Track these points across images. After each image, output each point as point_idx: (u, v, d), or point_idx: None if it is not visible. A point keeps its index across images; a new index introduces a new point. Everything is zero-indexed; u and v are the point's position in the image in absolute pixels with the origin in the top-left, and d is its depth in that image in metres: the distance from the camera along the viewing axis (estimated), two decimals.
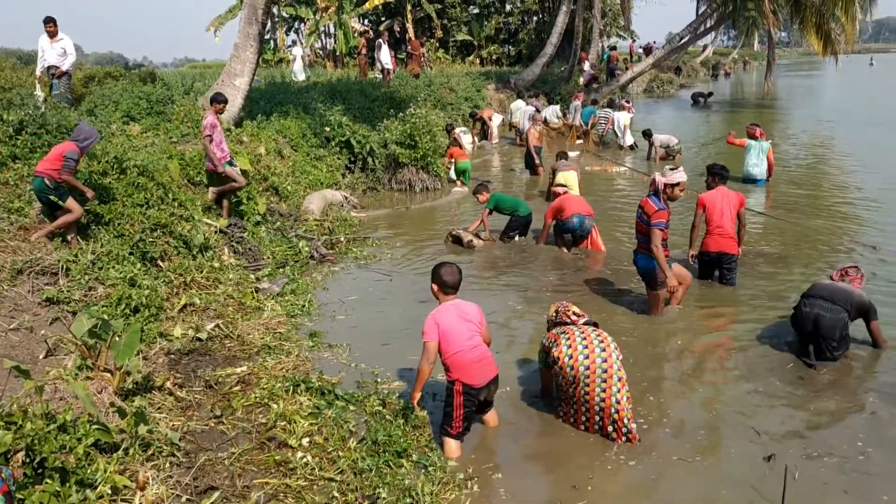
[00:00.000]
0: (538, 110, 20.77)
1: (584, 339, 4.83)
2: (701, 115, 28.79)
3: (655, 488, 4.26)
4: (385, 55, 22.11)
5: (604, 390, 4.68)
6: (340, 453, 4.41)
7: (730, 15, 28.37)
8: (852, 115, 26.09)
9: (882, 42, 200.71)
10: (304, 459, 4.32)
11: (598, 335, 4.89)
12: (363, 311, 7.41)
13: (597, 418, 4.74)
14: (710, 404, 5.28)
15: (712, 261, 7.91)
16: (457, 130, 16.63)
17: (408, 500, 3.96)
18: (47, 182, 6.68)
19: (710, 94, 32.62)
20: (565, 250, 9.49)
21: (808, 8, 24.84)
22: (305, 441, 4.52)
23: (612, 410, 4.67)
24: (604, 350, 4.76)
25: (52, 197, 6.72)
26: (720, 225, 7.80)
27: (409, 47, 24.05)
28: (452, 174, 14.51)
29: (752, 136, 13.52)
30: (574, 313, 5.16)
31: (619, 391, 4.69)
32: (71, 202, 6.83)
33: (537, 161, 15.22)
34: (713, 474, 4.39)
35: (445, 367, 4.64)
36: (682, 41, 29.11)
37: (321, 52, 36.30)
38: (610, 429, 4.71)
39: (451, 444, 4.60)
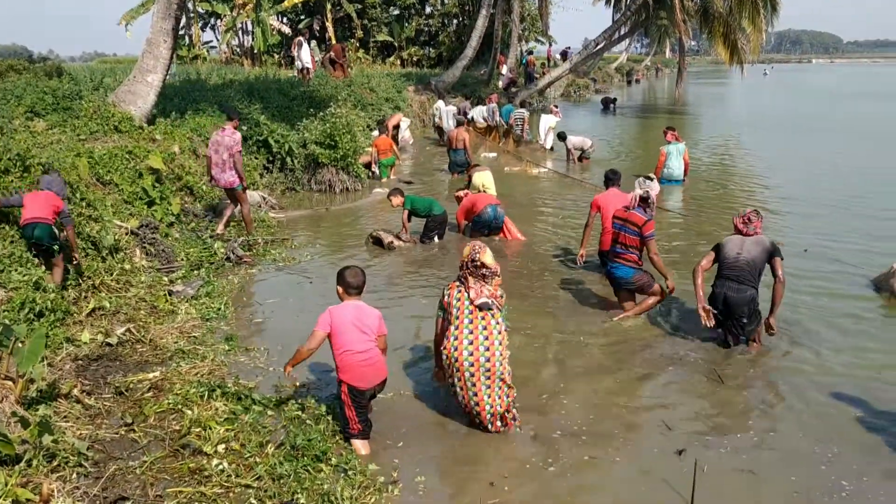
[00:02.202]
0: (465, 112, 21.01)
1: (472, 331, 4.75)
2: (615, 119, 29.60)
3: (571, 486, 4.33)
4: (305, 54, 21.81)
5: (482, 390, 4.73)
6: (258, 459, 4.33)
7: (643, 23, 29.32)
8: (758, 120, 27.37)
9: (783, 53, 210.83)
10: (220, 466, 4.22)
11: (486, 328, 4.75)
12: (282, 313, 7.30)
13: (474, 410, 4.80)
14: (622, 401, 5.42)
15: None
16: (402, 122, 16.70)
17: None
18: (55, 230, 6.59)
19: (615, 99, 33.42)
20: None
21: (717, 18, 25.94)
22: (221, 447, 4.42)
23: (487, 408, 4.75)
24: (487, 350, 4.70)
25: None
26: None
27: (332, 53, 23.67)
28: (375, 169, 14.65)
29: (670, 140, 14.08)
30: (482, 264, 4.85)
31: (500, 389, 4.74)
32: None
33: (472, 160, 15.25)
34: (626, 471, 4.51)
35: (336, 365, 4.75)
36: (598, 47, 29.84)
37: (238, 50, 35.53)
38: (477, 420, 4.85)
39: (357, 444, 4.70)
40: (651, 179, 7.42)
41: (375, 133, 16.24)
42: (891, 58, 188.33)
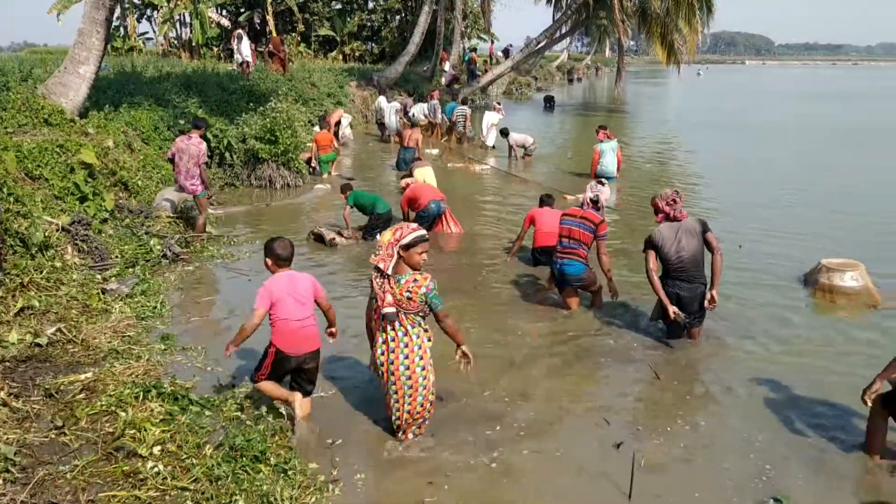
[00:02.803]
0: (406, 109, 20.98)
1: (384, 341, 4.55)
2: (556, 117, 29.96)
3: (511, 482, 4.36)
4: (245, 47, 21.42)
5: (390, 395, 4.62)
6: (195, 461, 4.23)
7: (583, 22, 29.73)
8: (694, 120, 28.08)
9: (718, 54, 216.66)
10: (156, 469, 4.11)
11: (393, 339, 4.52)
12: (220, 311, 7.17)
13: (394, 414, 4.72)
14: (564, 396, 5.50)
15: (545, 252, 8.39)
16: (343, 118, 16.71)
17: None
18: None
19: (552, 97, 33.88)
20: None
21: (655, 19, 26.49)
22: (157, 450, 4.30)
23: (394, 415, 4.67)
24: (407, 357, 4.51)
25: None
26: (549, 229, 8.35)
27: (270, 45, 23.28)
28: (316, 165, 14.65)
29: (602, 139, 14.42)
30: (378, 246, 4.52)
31: (423, 398, 4.60)
32: None
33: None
34: (567, 465, 4.56)
35: (271, 328, 4.89)
36: (539, 45, 30.14)
37: (176, 42, 34.67)
38: (396, 424, 4.73)
39: (262, 385, 5.01)
40: (602, 184, 7.54)
41: (317, 129, 16.07)
42: (819, 60, 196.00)
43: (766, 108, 34.98)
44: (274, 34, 29.95)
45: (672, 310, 6.18)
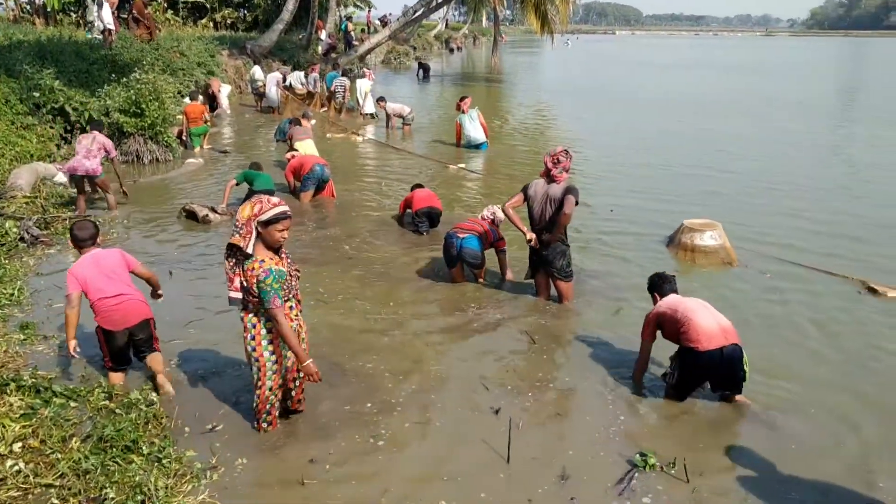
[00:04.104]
0: (284, 77, 20.54)
1: (270, 332, 4.30)
2: (436, 87, 30.00)
3: (393, 456, 4.36)
4: (106, 14, 20.08)
5: (255, 382, 4.40)
6: (60, 455, 4.01)
7: None
8: (568, 88, 28.83)
9: (590, 24, 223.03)
10: (16, 467, 3.87)
11: (242, 321, 4.30)
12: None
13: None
14: (442, 366, 5.56)
15: (425, 214, 8.94)
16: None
17: (139, 498, 3.70)
18: None
19: (428, 66, 33.99)
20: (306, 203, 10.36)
21: None
22: (17, 447, 4.05)
23: (256, 402, 4.46)
24: (253, 338, 4.28)
25: None
26: (424, 196, 9.06)
27: (133, 10, 21.91)
28: (186, 138, 14.13)
29: (461, 110, 14.75)
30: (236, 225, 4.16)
31: (273, 383, 4.37)
32: None
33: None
34: (448, 434, 4.63)
35: (92, 310, 4.95)
36: (416, 14, 29.95)
37: (28, 8, 32.09)
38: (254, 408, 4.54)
39: (111, 375, 5.09)
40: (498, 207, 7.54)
41: (187, 100, 15.37)
42: (683, 31, 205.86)
43: (636, 77, 36.34)
44: (136, 1, 28.26)
45: (529, 235, 6.45)
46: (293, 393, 4.61)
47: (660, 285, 5.31)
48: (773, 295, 7.11)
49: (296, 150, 11.35)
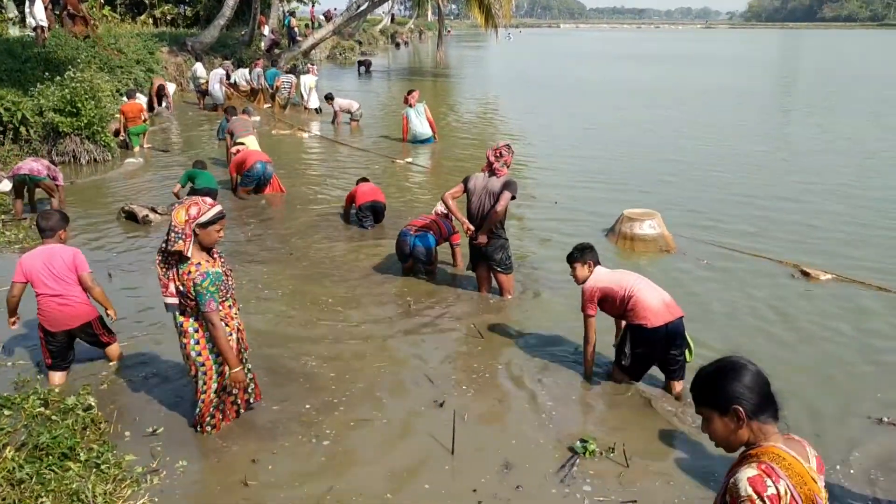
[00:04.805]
0: (228, 74, 20.26)
1: (175, 328, 4.31)
2: (383, 83, 29.89)
3: (336, 453, 4.35)
4: (39, 10, 19.46)
5: (200, 386, 4.35)
6: None
7: None
8: (513, 81, 29.00)
9: (535, 17, 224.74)
10: None
11: (183, 325, 4.22)
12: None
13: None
14: (386, 361, 5.56)
15: (369, 208, 8.97)
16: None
17: None
18: None
19: (369, 62, 33.89)
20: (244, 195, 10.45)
21: None
22: None
23: (201, 406, 4.39)
24: (198, 343, 4.23)
25: None
26: (368, 190, 9.06)
27: (68, 5, 21.25)
28: (125, 138, 13.81)
29: (408, 104, 14.74)
30: (170, 227, 4.04)
31: (218, 385, 4.35)
32: None
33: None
34: (392, 429, 4.64)
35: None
36: (361, 9, 29.74)
37: None
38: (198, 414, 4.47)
39: (50, 375, 5.10)
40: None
41: (125, 98, 15.01)
42: (626, 24, 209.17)
43: (581, 70, 36.72)
44: None
45: (466, 225, 6.50)
46: (251, 389, 4.62)
47: (581, 256, 5.21)
48: (708, 280, 7.32)
49: (242, 143, 11.18)
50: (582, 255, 5.20)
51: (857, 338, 6.06)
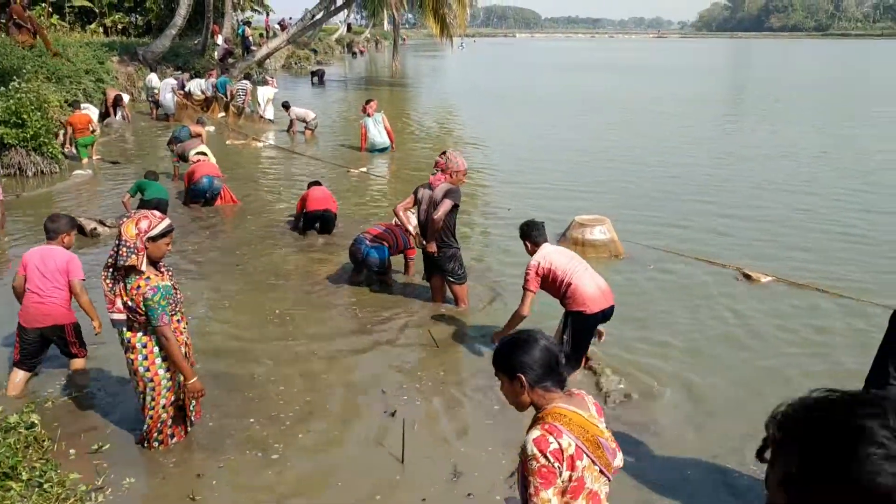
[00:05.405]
0: (183, 85, 20.01)
1: (121, 343, 4.26)
2: (338, 92, 29.83)
3: (287, 468, 4.31)
4: None
5: (148, 402, 4.29)
6: None
7: None
8: (469, 91, 29.22)
9: (491, 27, 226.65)
10: None
11: (131, 340, 4.17)
12: None
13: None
14: (339, 374, 5.56)
15: (315, 217, 9.06)
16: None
17: None
18: None
19: (322, 72, 33.81)
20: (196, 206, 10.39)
21: None
22: None
23: (149, 422, 4.34)
24: (146, 358, 4.18)
25: None
26: (319, 196, 8.98)
27: (12, 14, 20.75)
28: (72, 149, 13.55)
29: (366, 113, 14.76)
30: (118, 241, 4.03)
31: (166, 400, 4.30)
32: None
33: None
34: (343, 441, 4.63)
35: None
36: (316, 18, 29.67)
37: None
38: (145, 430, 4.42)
39: (13, 371, 5.17)
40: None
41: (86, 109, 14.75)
42: (581, 33, 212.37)
43: (533, 79, 37.12)
44: (15, 1, 26.83)
45: (418, 239, 6.57)
46: (193, 406, 4.52)
47: (529, 233, 5.50)
48: (654, 283, 7.50)
49: (203, 153, 11.17)
50: (528, 230, 5.50)
51: (790, 337, 6.26)
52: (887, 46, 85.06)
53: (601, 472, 2.35)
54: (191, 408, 4.49)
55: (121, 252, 3.97)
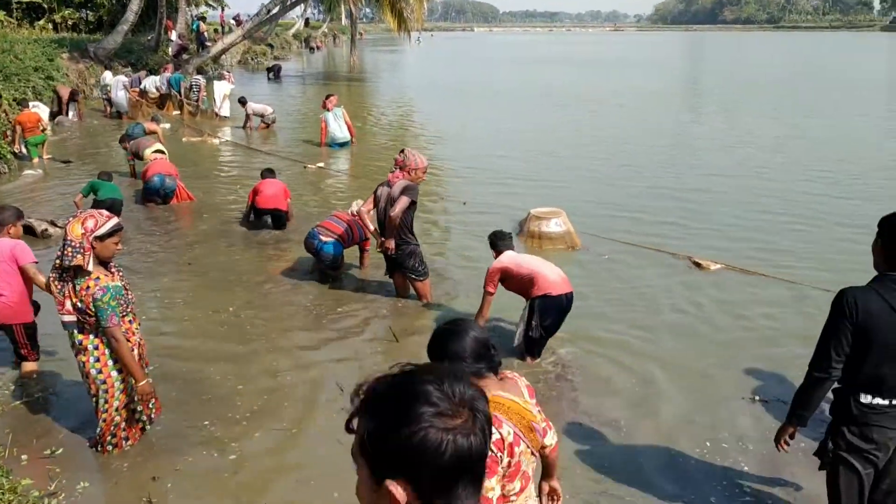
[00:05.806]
0: (139, 82, 19.66)
1: (72, 345, 4.19)
2: (296, 87, 29.58)
3: (240, 468, 4.29)
4: None
5: (100, 404, 4.23)
6: None
7: None
8: (428, 86, 29.19)
9: (449, 21, 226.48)
10: None
11: (83, 342, 4.11)
12: None
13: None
14: (300, 371, 5.54)
15: (264, 213, 9.15)
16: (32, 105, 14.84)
17: None
18: None
19: (278, 67, 33.50)
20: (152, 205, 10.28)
21: None
22: None
23: (102, 425, 4.28)
24: (98, 360, 4.12)
25: None
26: (270, 193, 8.96)
27: None
28: (22, 149, 13.20)
29: (326, 108, 14.74)
30: (64, 243, 3.99)
31: (119, 402, 4.25)
32: None
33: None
34: (301, 440, 4.63)
35: None
36: (271, 13, 29.37)
37: None
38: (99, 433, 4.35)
39: None
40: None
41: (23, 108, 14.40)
42: (538, 27, 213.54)
43: (491, 73, 37.22)
44: None
45: (379, 240, 6.60)
46: (152, 404, 4.47)
47: (496, 242, 5.90)
48: (610, 273, 7.65)
49: (161, 151, 11.12)
50: (494, 239, 5.92)
51: (740, 323, 6.45)
52: (836, 38, 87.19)
53: (532, 452, 2.44)
54: (150, 405, 4.45)
55: (66, 252, 3.92)
